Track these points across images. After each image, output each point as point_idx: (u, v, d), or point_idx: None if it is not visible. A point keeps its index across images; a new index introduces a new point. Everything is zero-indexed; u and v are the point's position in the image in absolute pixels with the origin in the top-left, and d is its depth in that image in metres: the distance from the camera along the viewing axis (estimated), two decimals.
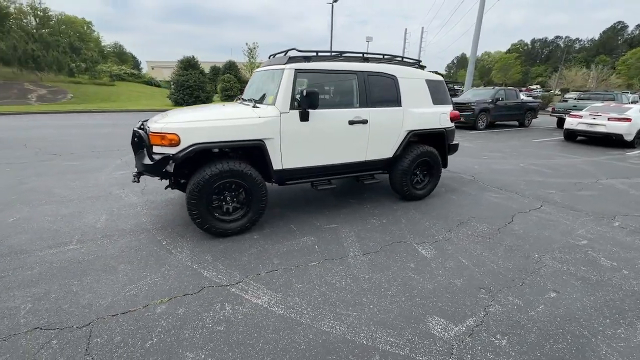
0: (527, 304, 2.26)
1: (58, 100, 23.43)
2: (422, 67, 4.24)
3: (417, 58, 4.19)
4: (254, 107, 3.22)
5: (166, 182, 3.27)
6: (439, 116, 4.07)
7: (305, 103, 3.07)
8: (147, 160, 2.85)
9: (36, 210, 3.63)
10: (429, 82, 4.03)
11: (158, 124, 2.86)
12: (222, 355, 1.77)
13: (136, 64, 59.56)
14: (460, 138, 9.86)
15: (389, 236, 3.24)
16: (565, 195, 4.62)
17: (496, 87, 13.12)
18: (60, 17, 48.85)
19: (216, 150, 3.15)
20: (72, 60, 30.95)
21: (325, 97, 3.49)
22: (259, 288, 2.36)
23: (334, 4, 22.35)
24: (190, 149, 2.79)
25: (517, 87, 18.11)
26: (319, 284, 2.43)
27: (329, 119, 3.35)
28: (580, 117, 9.23)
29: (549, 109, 16.19)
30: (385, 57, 3.89)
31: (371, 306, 2.20)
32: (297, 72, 3.21)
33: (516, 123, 13.57)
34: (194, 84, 19.83)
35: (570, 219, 3.79)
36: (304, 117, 3.17)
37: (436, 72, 4.38)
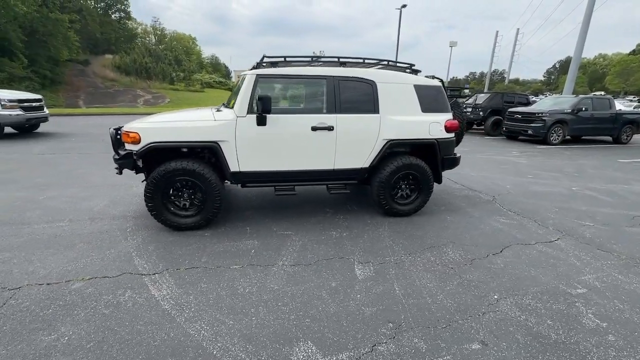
0: (431, 350, 1.88)
1: (158, 104, 27.86)
2: (415, 72, 3.86)
3: (409, 62, 3.83)
4: (217, 110, 3.38)
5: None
6: (429, 125, 3.64)
7: (259, 108, 3.11)
8: (115, 155, 3.25)
9: (64, 192, 4.43)
10: (419, 88, 3.64)
11: (130, 124, 3.23)
12: (86, 335, 1.92)
13: (227, 73, 66.97)
14: (518, 153, 8.60)
15: (335, 250, 3.03)
16: (604, 230, 3.64)
17: (580, 95, 11.00)
18: (173, 34, 57.82)
19: (185, 149, 3.39)
20: (174, 70, 36.48)
21: (289, 102, 3.46)
22: (167, 282, 2.47)
23: (403, 9, 21.67)
24: (148, 146, 3.07)
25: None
26: (222, 288, 2.42)
27: (288, 124, 3.31)
28: None
29: None
30: (367, 61, 3.67)
31: (253, 318, 2.11)
32: (259, 77, 3.26)
33: (609, 138, 11.16)
34: None
35: (586, 259, 2.99)
36: (261, 122, 3.20)
37: (433, 77, 3.92)
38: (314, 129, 3.34)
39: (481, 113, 12.13)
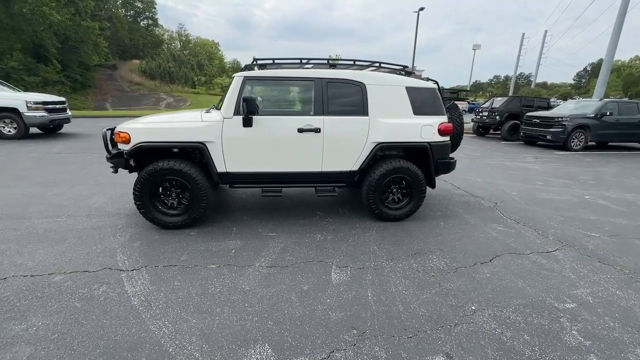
0: None
1: (179, 107, 28.82)
2: (409, 74, 3.77)
3: (403, 64, 3.76)
4: (206, 112, 3.44)
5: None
6: (420, 128, 3.54)
7: (244, 109, 3.13)
8: (107, 154, 3.37)
9: (70, 189, 4.63)
10: (411, 90, 3.55)
11: (123, 124, 3.35)
12: (53, 326, 1.98)
13: None
14: (533, 159, 8.24)
15: (315, 253, 2.99)
16: (610, 242, 3.40)
17: (606, 99, 10.40)
18: (196, 40, 59.67)
19: (175, 150, 3.45)
20: (195, 74, 37.68)
21: (277, 104, 3.46)
22: (143, 278, 2.52)
23: (424, 12, 21.39)
24: (137, 146, 3.17)
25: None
26: (194, 286, 2.44)
27: (275, 126, 3.31)
28: None
29: None
30: (358, 63, 3.62)
31: (217, 318, 2.11)
32: (246, 79, 3.29)
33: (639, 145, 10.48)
34: None
35: (582, 272, 2.80)
36: (247, 123, 3.22)
37: (428, 79, 3.81)
38: (300, 130, 3.32)
39: (497, 117, 11.72)
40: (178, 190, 3.34)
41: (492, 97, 13.18)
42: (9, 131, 8.59)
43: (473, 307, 2.29)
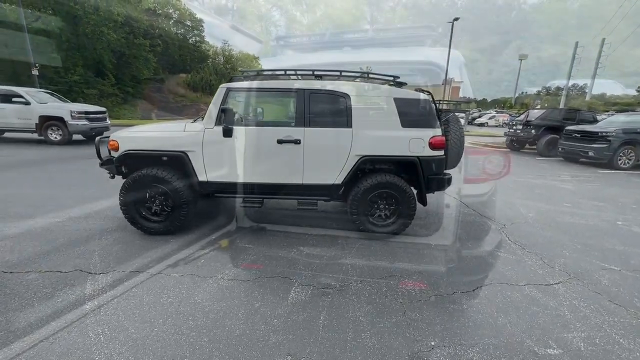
0: None
1: None
2: (400, 85, 3.58)
3: (393, 75, 3.59)
4: (193, 122, 3.52)
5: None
6: (408, 141, 3.33)
7: (222, 119, 3.16)
8: (99, 161, 3.56)
9: (84, 192, 4.98)
10: (399, 102, 3.36)
11: (115, 133, 3.53)
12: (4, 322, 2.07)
13: None
14: (569, 177, 7.47)
15: (283, 269, 2.88)
16: (630, 278, 2.90)
17: None
18: (239, 54, 62.89)
19: (164, 158, 3.56)
20: None
21: (259, 115, 3.45)
22: (105, 282, 2.57)
23: (459, 22, 20.71)
24: (124, 153, 3.32)
25: None
26: (149, 295, 2.44)
27: (254, 137, 3.30)
28: None
29: None
30: (344, 74, 3.52)
31: (155, 329, 2.08)
32: (229, 90, 3.33)
33: None
34: None
35: (584, 312, 2.39)
36: (227, 134, 3.24)
37: (421, 90, 3.58)
38: (280, 142, 3.27)
39: (533, 131, 10.83)
40: (161, 197, 3.42)
41: (528, 109, 12.24)
42: (55, 137, 9.55)
43: (432, 343, 2.03)
